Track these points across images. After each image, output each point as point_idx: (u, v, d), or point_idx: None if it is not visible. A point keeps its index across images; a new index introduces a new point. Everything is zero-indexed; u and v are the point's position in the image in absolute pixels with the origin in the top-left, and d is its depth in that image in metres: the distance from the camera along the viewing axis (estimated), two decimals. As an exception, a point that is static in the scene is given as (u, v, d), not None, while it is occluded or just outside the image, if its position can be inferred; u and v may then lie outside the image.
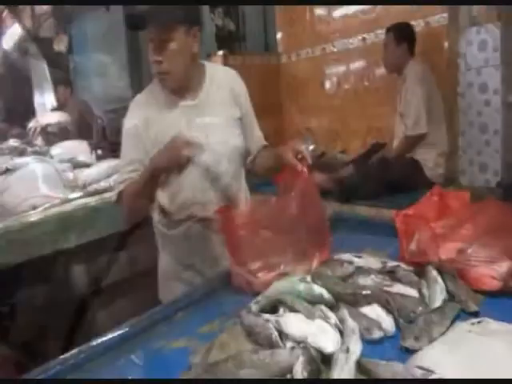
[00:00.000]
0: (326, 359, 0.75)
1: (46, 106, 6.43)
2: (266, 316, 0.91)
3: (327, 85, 3.18)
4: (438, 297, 0.88)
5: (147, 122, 1.16)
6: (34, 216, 1.45)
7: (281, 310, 0.94)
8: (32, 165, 1.85)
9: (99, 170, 2.05)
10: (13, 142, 2.85)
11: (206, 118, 1.21)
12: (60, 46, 6.58)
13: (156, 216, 1.28)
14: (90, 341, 0.90)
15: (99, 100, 4.89)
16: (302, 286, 0.96)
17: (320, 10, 3.25)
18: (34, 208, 1.62)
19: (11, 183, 1.77)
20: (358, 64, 3.03)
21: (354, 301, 0.91)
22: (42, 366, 0.84)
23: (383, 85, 2.84)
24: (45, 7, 7.63)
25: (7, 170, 1.86)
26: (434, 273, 0.93)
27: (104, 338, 0.93)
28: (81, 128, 3.53)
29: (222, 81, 1.25)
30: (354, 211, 2.06)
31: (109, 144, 2.70)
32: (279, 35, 3.64)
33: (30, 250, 1.33)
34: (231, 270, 1.12)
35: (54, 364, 0.83)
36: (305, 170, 1.11)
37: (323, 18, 3.24)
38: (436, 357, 0.68)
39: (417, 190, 1.88)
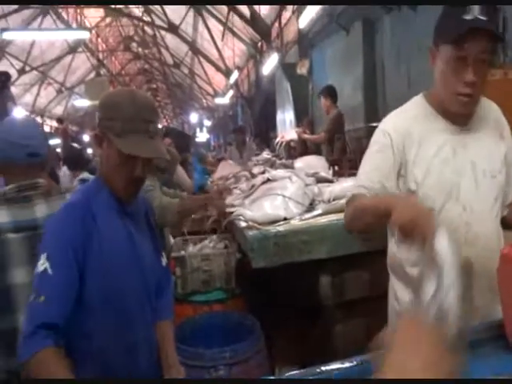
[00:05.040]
0: None
1: (286, 123, 7.33)
2: None
3: None
4: None
5: (411, 136, 1.11)
6: (293, 224, 1.63)
7: None
8: (288, 178, 2.11)
9: (342, 188, 2.14)
10: (266, 155, 3.34)
11: (473, 146, 1.11)
12: (302, 69, 7.37)
13: (395, 248, 1.21)
14: (332, 355, 0.91)
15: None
16: None
17: None
18: (285, 218, 1.82)
19: (271, 191, 2.06)
20: None
21: None
22: (289, 373, 0.88)
23: None
24: (292, 35, 8.75)
25: (268, 180, 2.19)
26: None
27: (350, 364, 0.91)
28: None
29: (486, 109, 1.16)
30: None
31: (348, 161, 2.82)
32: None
33: (289, 254, 1.51)
34: (506, 322, 0.96)
35: (297, 374, 0.86)
36: None
37: None
38: None
39: None
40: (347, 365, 0.91)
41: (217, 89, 15.29)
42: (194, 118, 19.65)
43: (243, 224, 1.70)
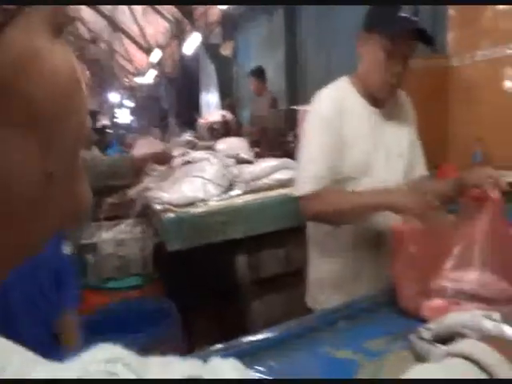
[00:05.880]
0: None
1: (210, 104, 7.24)
2: (444, 348, 0.83)
3: (509, 91, 2.76)
4: None
5: (341, 116, 1.16)
6: (211, 206, 1.62)
7: (460, 345, 0.85)
8: (207, 160, 2.09)
9: (261, 168, 2.18)
10: (188, 136, 3.27)
11: (386, 127, 1.23)
12: (226, 51, 7.29)
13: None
14: (250, 331, 0.95)
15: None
16: (489, 325, 0.85)
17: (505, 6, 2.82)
18: (203, 200, 1.81)
19: (190, 174, 2.02)
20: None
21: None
22: (206, 349, 0.90)
23: None
24: (216, 16, 8.58)
25: (188, 162, 2.14)
26: None
27: (268, 335, 0.97)
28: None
29: (398, 97, 1.28)
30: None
31: (267, 143, 2.87)
32: (450, 36, 3.30)
33: (205, 236, 1.50)
34: (398, 289, 1.06)
35: (217, 349, 0.87)
36: (495, 194, 1.02)
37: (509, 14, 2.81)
38: None
39: None
40: (260, 337, 0.95)
41: (138, 67, 14.53)
42: (113, 97, 18.55)
43: (159, 207, 1.65)
